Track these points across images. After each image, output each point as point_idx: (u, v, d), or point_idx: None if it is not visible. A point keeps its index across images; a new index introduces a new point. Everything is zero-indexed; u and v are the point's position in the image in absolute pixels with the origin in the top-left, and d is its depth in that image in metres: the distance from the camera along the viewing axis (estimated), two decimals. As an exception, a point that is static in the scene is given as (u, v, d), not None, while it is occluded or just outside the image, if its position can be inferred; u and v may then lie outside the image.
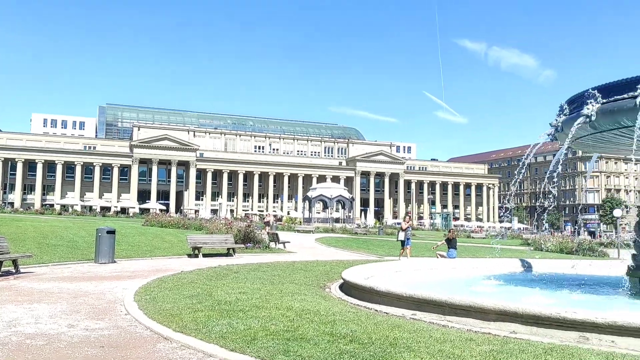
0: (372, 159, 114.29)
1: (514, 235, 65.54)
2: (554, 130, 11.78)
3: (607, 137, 11.04)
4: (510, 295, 10.48)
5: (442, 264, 17.18)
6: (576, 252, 32.11)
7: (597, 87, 10.35)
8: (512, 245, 40.69)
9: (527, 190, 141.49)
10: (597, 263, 18.54)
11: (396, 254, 23.88)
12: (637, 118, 9.28)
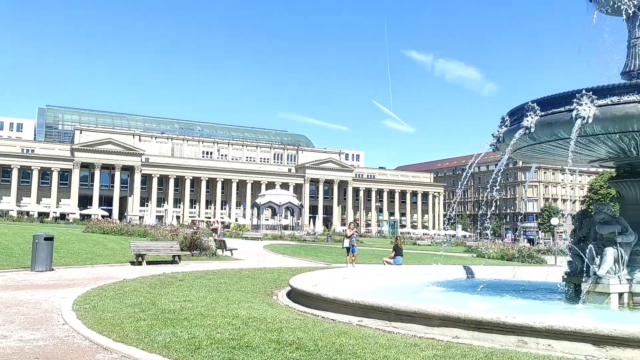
0: (321, 167, 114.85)
1: (458, 243, 67.21)
2: (495, 141, 12.14)
3: (545, 148, 11.48)
4: (454, 301, 10.72)
5: (388, 271, 17.40)
6: (516, 258, 33.21)
7: (536, 100, 10.76)
8: (456, 252, 41.73)
9: (471, 199, 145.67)
10: (535, 270, 19.26)
11: (344, 260, 24.03)
12: (572, 130, 9.71)
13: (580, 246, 11.28)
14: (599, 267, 10.41)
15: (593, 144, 10.72)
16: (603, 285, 10.30)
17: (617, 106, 9.62)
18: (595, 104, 9.72)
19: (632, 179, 11.49)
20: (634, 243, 10.66)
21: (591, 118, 9.65)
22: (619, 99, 9.70)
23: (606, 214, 10.89)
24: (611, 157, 11.59)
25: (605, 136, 10.25)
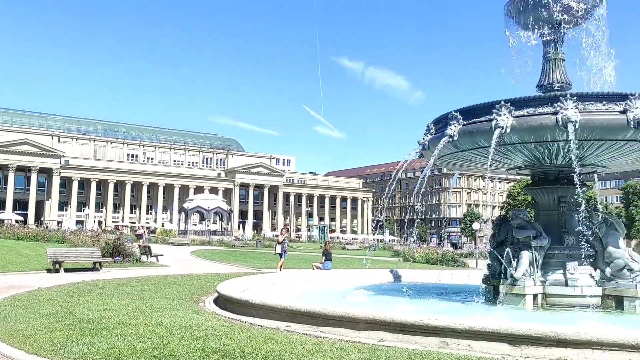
0: (251, 171, 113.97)
1: (386, 247, 68.67)
2: (421, 148, 12.51)
3: (467, 155, 11.95)
4: (381, 305, 10.91)
5: (317, 276, 17.49)
6: (441, 262, 34.32)
7: (459, 110, 11.18)
8: (384, 257, 42.59)
9: (398, 204, 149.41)
10: (458, 273, 19.97)
11: (274, 266, 23.92)
12: (491, 139, 10.17)
13: (499, 250, 11.81)
14: (516, 269, 10.94)
15: (511, 152, 11.28)
16: (519, 287, 10.83)
17: (533, 117, 10.18)
18: (512, 115, 10.22)
19: (545, 186, 12.18)
20: (547, 247, 11.29)
21: (509, 128, 10.15)
22: (534, 110, 10.26)
23: (522, 219, 11.47)
24: (527, 165, 12.25)
25: (522, 145, 10.81)
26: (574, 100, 9.77)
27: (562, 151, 10.70)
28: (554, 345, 6.56)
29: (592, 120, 9.75)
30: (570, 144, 9.71)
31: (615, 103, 9.82)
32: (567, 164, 11.07)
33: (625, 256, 10.89)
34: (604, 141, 10.23)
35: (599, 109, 9.90)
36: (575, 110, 9.68)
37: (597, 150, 10.72)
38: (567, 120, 9.62)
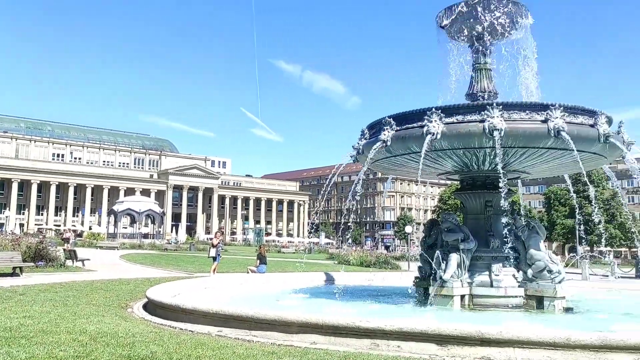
0: (185, 173, 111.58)
1: (321, 250, 69.14)
2: (356, 152, 12.69)
3: (400, 160, 12.24)
4: (314, 308, 10.97)
5: (252, 279, 17.34)
6: (374, 265, 34.87)
7: (392, 116, 11.43)
8: (319, 260, 42.81)
9: (334, 207, 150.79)
10: (390, 275, 20.40)
11: (207, 270, 23.49)
12: (423, 145, 10.46)
13: (429, 252, 12.18)
14: (444, 271, 11.30)
15: (441, 158, 11.65)
16: (448, 289, 11.19)
17: (462, 124, 10.56)
18: (443, 122, 10.56)
19: (473, 191, 12.67)
20: (474, 249, 11.73)
21: (439, 134, 10.48)
22: (463, 117, 10.65)
23: (451, 222, 11.87)
24: (456, 170, 12.69)
25: (452, 151, 11.19)
26: (500, 109, 10.22)
27: (488, 157, 11.15)
28: (478, 345, 6.80)
29: (516, 128, 10.23)
30: (496, 151, 10.13)
31: (538, 112, 10.35)
32: (493, 170, 11.54)
33: (545, 258, 11.48)
34: (527, 148, 10.76)
35: (523, 118, 10.41)
36: (501, 119, 10.13)
37: (521, 157, 11.26)
38: (494, 128, 10.04)
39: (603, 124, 10.58)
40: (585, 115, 10.66)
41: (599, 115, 10.61)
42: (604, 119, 10.63)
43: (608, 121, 10.83)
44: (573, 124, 10.31)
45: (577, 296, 13.32)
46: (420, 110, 10.89)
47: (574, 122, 10.40)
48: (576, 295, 13.43)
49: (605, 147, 10.70)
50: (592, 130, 10.50)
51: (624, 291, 16.72)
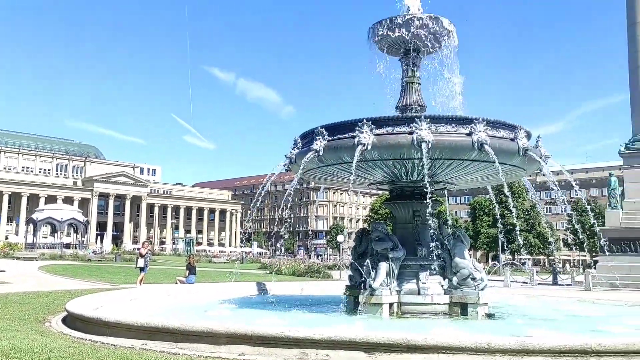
0: (112, 180, 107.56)
1: (254, 260, 68.50)
2: (288, 162, 12.69)
3: (332, 170, 12.35)
4: (245, 318, 10.80)
5: (180, 290, 16.89)
6: (307, 274, 34.95)
7: (324, 126, 11.53)
8: (251, 269, 42.39)
9: (267, 217, 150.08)
10: (322, 284, 20.50)
11: (133, 281, 22.68)
12: (354, 155, 10.61)
13: (359, 261, 12.33)
14: (374, 280, 11.48)
15: (372, 168, 11.86)
16: (377, 297, 11.37)
17: (391, 136, 10.81)
18: (374, 133, 10.77)
19: (402, 201, 12.98)
20: (402, 258, 11.99)
21: (370, 145, 10.67)
22: (393, 129, 10.91)
23: (380, 232, 12.09)
24: (386, 180, 12.96)
25: (382, 162, 11.42)
26: (428, 122, 10.55)
27: (417, 168, 11.47)
28: (405, 351, 6.94)
29: (443, 140, 10.59)
30: (424, 162, 10.44)
31: (463, 126, 10.77)
32: (421, 181, 11.85)
33: (469, 266, 11.92)
34: (453, 160, 11.16)
35: (449, 131, 10.79)
36: (429, 131, 10.45)
37: (447, 169, 11.66)
38: (421, 140, 10.34)
39: (522, 138, 11.15)
40: (507, 129, 11.20)
41: (519, 129, 11.18)
42: (523, 134, 11.21)
43: (527, 135, 11.44)
44: (495, 138, 10.79)
45: (499, 302, 13.92)
46: (352, 121, 11.05)
47: (496, 135, 10.89)
48: (498, 301, 14.03)
49: (524, 160, 11.28)
50: (513, 143, 11.04)
51: (542, 297, 17.65)
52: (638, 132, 30.69)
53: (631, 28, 31.47)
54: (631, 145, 30.70)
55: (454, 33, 12.78)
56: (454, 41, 12.91)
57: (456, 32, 12.80)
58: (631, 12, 31.53)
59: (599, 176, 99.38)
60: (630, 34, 31.58)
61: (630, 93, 31.51)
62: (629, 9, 31.70)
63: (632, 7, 31.49)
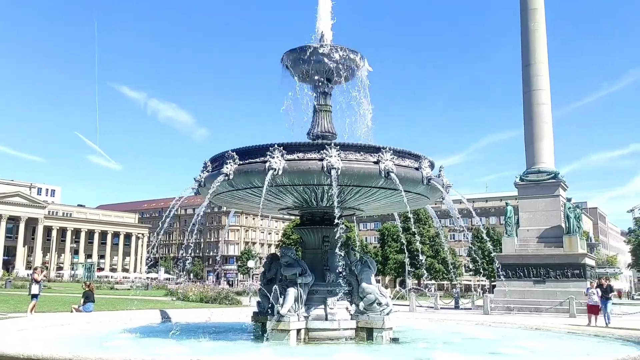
0: (5, 201, 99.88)
1: (160, 286, 65.90)
2: (198, 185, 12.46)
3: (242, 194, 12.26)
4: (145, 348, 10.32)
5: (76, 319, 15.85)
6: (215, 300, 34.15)
7: (235, 150, 11.46)
8: (156, 296, 40.73)
9: (176, 241, 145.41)
10: (230, 311, 20.04)
11: (25, 309, 21.00)
12: (265, 180, 10.61)
13: (268, 287, 12.22)
14: (282, 306, 11.40)
15: (282, 193, 11.90)
16: (284, 323, 11.28)
17: (302, 162, 10.94)
18: (285, 158, 10.85)
19: (312, 226, 13.09)
20: (311, 283, 12.03)
21: (281, 170, 10.72)
22: (304, 155, 11.05)
23: (290, 257, 12.09)
24: (297, 206, 13.04)
25: (292, 187, 11.50)
26: (338, 149, 10.79)
27: (326, 194, 11.65)
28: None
29: (352, 168, 10.87)
30: (333, 188, 10.63)
31: (371, 154, 11.12)
32: (331, 207, 12.03)
33: (376, 291, 12.17)
34: (361, 187, 11.46)
35: (358, 159, 11.09)
36: (338, 158, 10.69)
37: (356, 195, 11.95)
38: (331, 167, 10.55)
39: (426, 167, 11.70)
40: (412, 158, 11.69)
41: (423, 159, 11.71)
42: (427, 163, 11.76)
43: (430, 165, 12.02)
44: (401, 166, 11.22)
45: (404, 327, 14.28)
46: (264, 145, 11.08)
47: (402, 164, 11.33)
48: (403, 326, 14.40)
49: (427, 188, 11.80)
50: (417, 172, 11.53)
51: (444, 321, 18.34)
52: (531, 165, 33.16)
53: (525, 69, 34.25)
54: (525, 177, 33.09)
55: (365, 64, 13.26)
56: (365, 72, 13.39)
57: (367, 63, 13.30)
58: (525, 55, 34.36)
59: (497, 205, 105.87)
60: (524, 75, 34.34)
61: (525, 129, 34.11)
62: (524, 52, 34.53)
63: (526, 50, 34.34)
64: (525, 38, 34.32)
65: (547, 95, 33.78)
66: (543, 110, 33.40)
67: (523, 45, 34.46)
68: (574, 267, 29.94)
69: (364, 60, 13.26)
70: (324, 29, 13.53)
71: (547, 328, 15.62)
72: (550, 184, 32.19)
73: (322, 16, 13.60)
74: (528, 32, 34.15)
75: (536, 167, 32.78)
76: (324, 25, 13.56)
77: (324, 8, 13.65)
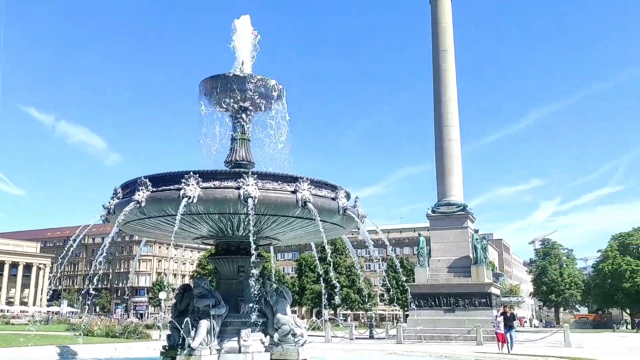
0: None
1: (62, 320, 61.56)
2: (106, 212, 11.91)
3: (154, 223, 11.83)
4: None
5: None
6: (122, 335, 32.29)
7: (148, 176, 11.08)
8: (57, 331, 37.91)
9: (81, 272, 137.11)
10: (137, 345, 19.06)
11: None
12: (179, 208, 10.30)
13: (179, 319, 11.77)
14: (193, 339, 11.00)
15: (197, 222, 11.61)
16: (195, 357, 10.88)
17: (219, 190, 10.77)
18: (200, 186, 10.63)
19: (227, 256, 12.84)
20: (225, 315, 11.74)
21: (196, 198, 10.49)
22: (220, 183, 10.89)
23: (203, 288, 11.74)
24: (212, 235, 12.76)
25: (207, 216, 11.25)
26: (255, 178, 10.74)
27: (243, 223, 11.49)
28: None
29: (269, 197, 10.83)
30: (250, 218, 10.51)
31: (288, 184, 11.15)
32: (247, 236, 11.87)
33: (290, 322, 12.08)
34: (278, 217, 11.42)
35: (275, 188, 11.08)
36: (256, 187, 10.62)
37: (273, 225, 11.88)
38: (248, 195, 10.45)
39: (342, 198, 11.88)
40: (329, 189, 11.84)
41: (339, 190, 11.90)
42: (343, 194, 11.95)
43: (347, 196, 12.22)
44: (318, 196, 11.33)
45: (319, 357, 14.23)
46: (178, 172, 10.82)
47: (319, 194, 11.44)
48: (318, 356, 14.35)
49: (343, 218, 11.97)
50: (334, 203, 11.68)
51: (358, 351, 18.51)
52: (442, 198, 34.62)
53: (437, 106, 36.01)
54: (436, 209, 34.43)
55: (283, 93, 13.39)
56: (284, 101, 13.51)
57: (285, 93, 13.43)
58: (437, 93, 36.19)
59: (411, 236, 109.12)
60: (436, 111, 36.09)
61: (436, 163, 35.68)
62: (435, 90, 36.37)
63: (437, 88, 36.20)
64: (437, 76, 36.19)
65: (456, 132, 35.62)
66: (453, 146, 35.13)
67: (435, 83, 36.31)
68: (481, 296, 31.25)
69: (282, 89, 13.39)
70: (245, 57, 13.58)
71: (455, 356, 16.14)
72: (459, 216, 33.69)
73: (242, 45, 13.66)
74: (440, 71, 36.04)
75: (446, 200, 34.25)
76: (244, 54, 13.61)
77: (244, 37, 13.73)
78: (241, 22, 13.85)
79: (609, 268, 78.57)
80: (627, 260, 77.63)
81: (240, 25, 13.82)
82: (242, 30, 13.81)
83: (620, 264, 77.36)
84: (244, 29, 13.82)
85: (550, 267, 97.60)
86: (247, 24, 13.88)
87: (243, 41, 13.77)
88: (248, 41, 13.83)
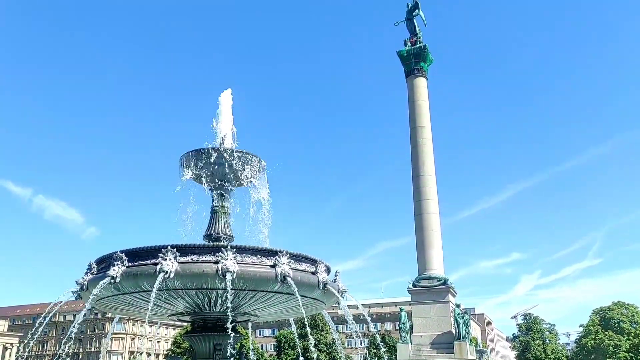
0: None
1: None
2: (79, 288, 11.55)
3: (129, 299, 11.47)
4: None
5: None
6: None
7: (124, 251, 10.84)
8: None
9: (51, 351, 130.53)
10: None
11: None
12: (155, 283, 10.03)
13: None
14: None
15: (173, 298, 11.29)
16: None
17: (196, 264, 10.57)
18: (178, 260, 10.42)
19: (204, 333, 12.39)
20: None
21: (173, 273, 10.25)
22: (198, 257, 10.70)
23: (177, 368, 11.25)
24: (188, 311, 12.37)
25: (184, 291, 10.96)
26: (234, 252, 10.59)
27: (220, 299, 11.20)
28: None
29: (248, 271, 10.64)
30: (228, 293, 10.26)
31: (267, 257, 11.00)
32: (224, 312, 11.57)
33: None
34: (257, 292, 11.18)
35: (254, 262, 10.92)
36: (234, 261, 10.45)
37: (252, 300, 11.60)
38: (226, 270, 10.26)
39: (322, 272, 11.73)
40: (308, 263, 11.70)
41: (319, 264, 11.77)
42: (323, 268, 11.81)
43: (327, 270, 12.08)
44: (298, 271, 11.17)
45: None
46: (155, 247, 10.63)
47: (298, 268, 11.29)
48: None
49: (324, 293, 11.76)
50: (313, 277, 11.51)
51: None
52: (423, 271, 34.35)
53: (415, 180, 36.52)
54: (417, 283, 34.06)
55: (264, 168, 13.51)
56: (264, 175, 13.62)
57: (265, 167, 13.55)
58: (415, 167, 36.82)
59: (393, 311, 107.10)
60: (414, 185, 36.54)
61: (416, 236, 35.68)
62: (414, 164, 37.03)
63: (415, 163, 36.87)
64: (414, 151, 36.95)
65: (435, 205, 35.94)
66: (432, 219, 35.31)
67: (413, 157, 37.03)
68: (465, 373, 30.39)
69: (263, 164, 13.52)
70: (226, 131, 13.77)
71: None
72: (440, 290, 33.29)
73: (223, 119, 13.91)
74: (417, 146, 36.84)
75: (427, 274, 33.96)
76: (225, 128, 13.82)
77: (225, 111, 14.00)
78: (223, 96, 14.18)
79: (591, 343, 77.67)
80: (609, 335, 76.97)
81: (222, 99, 14.14)
82: (224, 105, 14.12)
83: (603, 339, 76.60)
84: (226, 103, 14.12)
85: (534, 343, 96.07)
86: (228, 98, 14.22)
87: (225, 115, 14.03)
88: (229, 115, 14.10)
